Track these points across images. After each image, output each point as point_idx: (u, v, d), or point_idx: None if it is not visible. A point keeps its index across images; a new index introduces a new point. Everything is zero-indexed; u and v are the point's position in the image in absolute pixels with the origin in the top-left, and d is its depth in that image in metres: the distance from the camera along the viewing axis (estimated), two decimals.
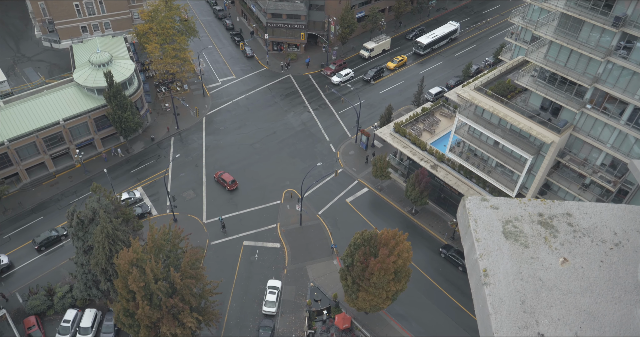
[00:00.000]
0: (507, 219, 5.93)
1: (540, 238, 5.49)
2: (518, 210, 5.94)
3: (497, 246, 5.79)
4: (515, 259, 5.54)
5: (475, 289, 5.57)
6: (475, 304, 5.65)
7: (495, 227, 5.96)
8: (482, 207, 6.12)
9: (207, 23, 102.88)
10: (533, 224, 5.70)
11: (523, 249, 5.57)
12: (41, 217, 64.43)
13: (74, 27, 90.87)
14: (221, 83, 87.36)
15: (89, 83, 69.86)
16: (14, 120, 65.71)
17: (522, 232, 5.72)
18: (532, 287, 5.13)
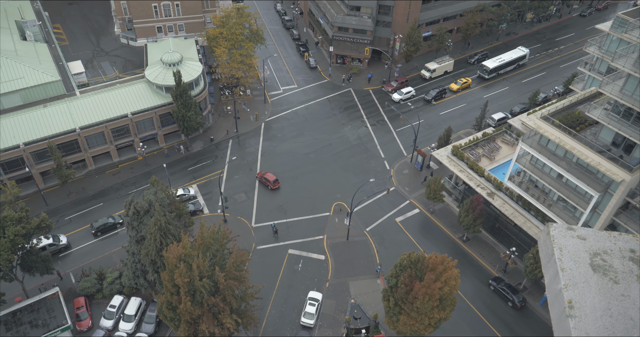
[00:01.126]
0: (595, 252, 6.24)
1: (632, 275, 5.79)
2: (607, 243, 6.23)
3: (584, 278, 6.09)
4: (603, 294, 5.80)
5: (558, 320, 5.88)
6: (556, 334, 5.97)
7: (582, 259, 6.26)
8: (568, 236, 6.46)
9: (275, 32, 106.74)
10: (624, 259, 5.97)
11: (612, 284, 5.84)
12: (101, 203, 68.75)
13: (150, 27, 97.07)
14: (283, 91, 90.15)
15: (158, 81, 74.12)
16: (87, 110, 70.81)
17: (611, 266, 6.01)
18: (623, 326, 5.35)
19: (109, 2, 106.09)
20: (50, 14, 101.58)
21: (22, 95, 71.57)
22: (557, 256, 4.46)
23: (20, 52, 77.48)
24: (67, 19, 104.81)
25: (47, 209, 66.29)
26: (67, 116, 69.49)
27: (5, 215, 51.77)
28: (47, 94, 73.10)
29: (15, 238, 50.83)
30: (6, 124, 66.81)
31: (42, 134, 66.98)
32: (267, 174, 71.98)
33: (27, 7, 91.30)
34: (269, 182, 70.98)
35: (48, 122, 68.46)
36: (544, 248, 4.82)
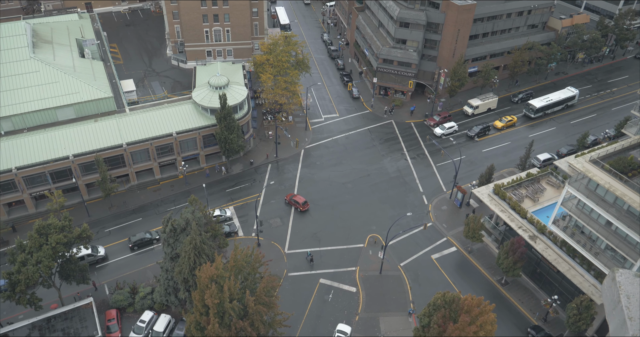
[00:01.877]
0: None
1: None
2: None
3: None
4: None
5: None
6: None
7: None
8: (637, 284, 6.62)
9: (320, 61, 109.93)
10: None
11: None
12: (140, 218, 71.11)
13: (200, 50, 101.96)
14: (324, 119, 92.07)
15: (204, 102, 77.19)
16: (135, 127, 74.26)
17: None
18: None
19: (164, 26, 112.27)
20: (109, 34, 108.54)
21: (76, 109, 75.99)
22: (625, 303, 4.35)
23: (78, 68, 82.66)
24: (123, 39, 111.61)
25: (88, 220, 69.07)
26: (115, 132, 73.05)
27: (49, 223, 54.31)
28: (99, 110, 77.32)
29: (57, 246, 53.11)
30: (59, 135, 70.81)
31: (90, 147, 70.51)
32: (296, 196, 73.53)
33: (87, 27, 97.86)
34: (298, 204, 72.38)
35: (97, 136, 72.12)
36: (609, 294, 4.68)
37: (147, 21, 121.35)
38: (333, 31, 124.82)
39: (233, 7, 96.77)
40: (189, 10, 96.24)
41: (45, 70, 77.60)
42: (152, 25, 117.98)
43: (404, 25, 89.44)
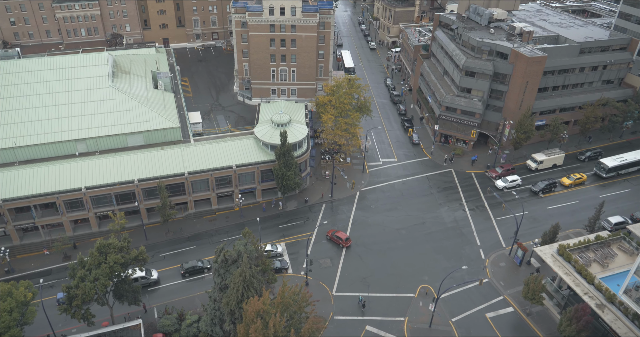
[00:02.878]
0: None
1: None
2: None
3: None
4: None
5: None
6: None
7: None
8: None
9: (381, 105, 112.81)
10: None
11: None
12: (194, 246, 74.03)
13: (266, 88, 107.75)
14: (382, 163, 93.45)
15: (265, 138, 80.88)
16: (197, 157, 78.66)
17: None
18: None
19: (233, 63, 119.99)
20: (182, 68, 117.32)
21: (145, 136, 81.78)
22: None
23: (151, 98, 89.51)
24: (194, 74, 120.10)
25: (145, 243, 72.73)
26: (179, 160, 77.69)
27: (110, 242, 57.86)
28: (166, 138, 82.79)
29: (114, 265, 56.29)
30: (127, 160, 76.22)
31: (154, 174, 75.18)
32: (338, 232, 74.85)
33: (163, 60, 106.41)
34: (341, 240, 73.62)
35: (162, 163, 76.95)
36: None
37: (218, 58, 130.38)
38: (397, 76, 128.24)
39: (300, 49, 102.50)
40: (258, 50, 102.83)
41: (121, 98, 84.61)
42: (222, 62, 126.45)
43: (470, 74, 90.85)
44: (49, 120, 79.79)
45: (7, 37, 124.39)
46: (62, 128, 78.95)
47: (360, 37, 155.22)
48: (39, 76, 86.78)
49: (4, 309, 51.07)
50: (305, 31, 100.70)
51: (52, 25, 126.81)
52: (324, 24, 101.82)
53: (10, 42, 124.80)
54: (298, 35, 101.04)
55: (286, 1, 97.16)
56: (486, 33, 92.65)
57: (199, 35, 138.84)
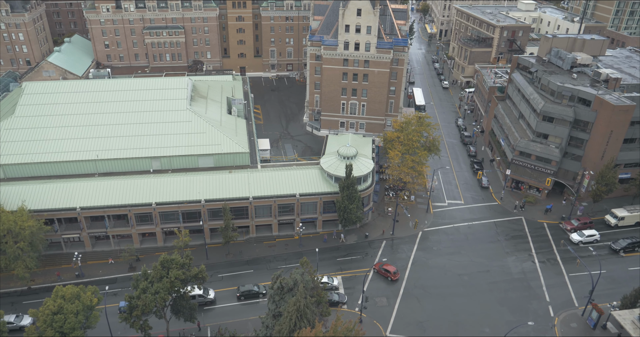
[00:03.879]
0: None
1: None
2: None
3: None
4: None
5: None
6: None
7: None
8: None
9: (451, 145, 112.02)
10: None
11: None
12: (251, 270, 75.87)
13: (334, 120, 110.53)
14: (448, 204, 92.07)
15: (331, 170, 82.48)
16: (263, 183, 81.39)
17: None
18: None
19: (304, 94, 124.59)
20: (255, 96, 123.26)
21: (215, 159, 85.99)
22: None
23: (224, 123, 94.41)
24: (267, 102, 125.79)
25: (206, 262, 75.36)
26: (245, 185, 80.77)
27: (173, 258, 60.72)
28: (235, 162, 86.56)
29: (175, 281, 58.91)
30: (196, 180, 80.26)
31: (220, 196, 78.52)
32: (386, 264, 74.84)
33: (238, 88, 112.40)
34: (389, 273, 73.67)
35: (228, 186, 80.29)
36: None
37: (290, 88, 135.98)
38: (469, 117, 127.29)
39: (372, 84, 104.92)
40: (330, 83, 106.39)
41: (196, 121, 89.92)
42: (294, 93, 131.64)
43: (548, 120, 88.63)
44: (129, 137, 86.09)
45: (100, 58, 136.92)
46: (140, 145, 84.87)
47: (433, 75, 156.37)
48: (124, 95, 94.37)
49: (71, 311, 54.59)
50: (378, 67, 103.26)
51: (141, 50, 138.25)
52: (397, 60, 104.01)
53: (103, 63, 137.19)
54: (371, 70, 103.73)
55: (361, 37, 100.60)
56: (568, 78, 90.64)
57: (274, 65, 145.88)
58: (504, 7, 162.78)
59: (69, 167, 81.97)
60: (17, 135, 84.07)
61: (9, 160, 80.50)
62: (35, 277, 73.08)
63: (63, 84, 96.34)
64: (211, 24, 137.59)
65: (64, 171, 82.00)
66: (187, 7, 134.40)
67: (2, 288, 72.21)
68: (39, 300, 64.02)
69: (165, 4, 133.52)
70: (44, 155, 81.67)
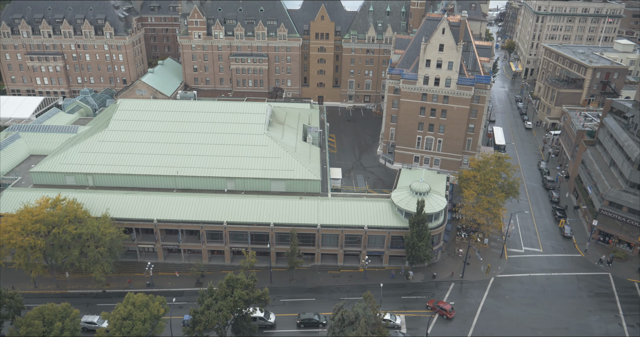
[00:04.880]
0: None
1: None
2: None
3: None
4: None
5: None
6: None
7: None
8: None
9: (531, 189, 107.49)
10: None
11: None
12: (313, 298, 76.05)
13: (409, 154, 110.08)
14: (524, 251, 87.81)
15: (401, 204, 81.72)
16: (331, 212, 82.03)
17: None
18: None
19: (380, 126, 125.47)
20: (331, 125, 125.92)
21: (287, 184, 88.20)
22: None
23: (299, 150, 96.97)
24: (342, 132, 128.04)
25: (269, 286, 76.43)
26: (314, 212, 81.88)
27: (238, 278, 62.42)
28: (306, 189, 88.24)
29: (238, 300, 60.42)
30: (266, 204, 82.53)
31: (289, 221, 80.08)
32: (441, 302, 73.26)
33: (315, 116, 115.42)
34: (445, 311, 71.59)
35: (297, 212, 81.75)
36: None
37: (366, 119, 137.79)
38: (552, 161, 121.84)
39: (450, 120, 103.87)
40: (407, 116, 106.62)
41: (272, 146, 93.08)
42: (369, 124, 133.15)
43: None
44: (208, 156, 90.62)
45: (188, 81, 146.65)
46: (217, 165, 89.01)
47: (516, 115, 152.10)
48: (207, 117, 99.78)
49: (140, 318, 57.37)
50: (458, 103, 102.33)
51: (226, 75, 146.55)
52: (478, 97, 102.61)
53: (190, 86, 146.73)
54: (450, 106, 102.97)
55: (442, 72, 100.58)
56: None
57: (352, 96, 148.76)
58: (598, 48, 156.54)
59: (151, 180, 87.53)
60: (108, 147, 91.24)
61: (99, 170, 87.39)
62: (110, 281, 77.80)
63: (153, 103, 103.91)
64: (294, 54, 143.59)
65: (146, 183, 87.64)
66: (272, 36, 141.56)
67: (80, 289, 77.42)
68: (111, 304, 67.70)
69: (252, 33, 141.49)
70: (129, 168, 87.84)
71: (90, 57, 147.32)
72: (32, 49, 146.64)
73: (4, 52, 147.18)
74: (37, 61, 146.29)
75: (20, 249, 70.23)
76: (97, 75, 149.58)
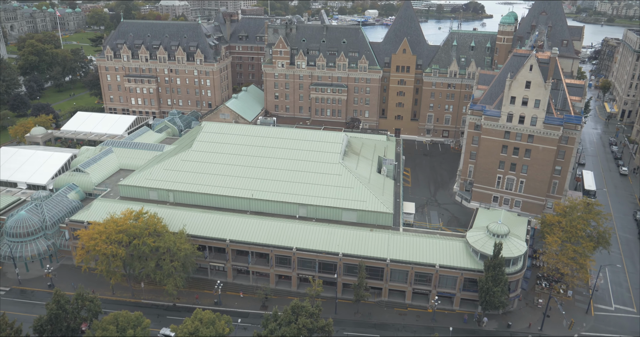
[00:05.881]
0: None
1: None
2: None
3: None
4: None
5: None
6: None
7: None
8: None
9: (625, 241, 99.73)
10: None
11: None
12: (378, 335, 74.38)
13: (487, 194, 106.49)
14: (614, 309, 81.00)
15: (477, 245, 78.68)
16: (403, 247, 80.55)
17: None
18: None
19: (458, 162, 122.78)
20: (407, 158, 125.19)
21: (359, 215, 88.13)
22: None
23: (372, 181, 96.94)
24: (417, 166, 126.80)
25: (334, 317, 75.89)
26: (384, 246, 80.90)
27: (303, 305, 62.52)
28: (377, 221, 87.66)
29: (302, 328, 60.38)
30: (336, 233, 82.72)
31: (358, 252, 79.61)
32: None
33: (391, 148, 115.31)
34: None
35: (367, 244, 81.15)
36: None
37: (443, 155, 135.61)
38: None
39: (534, 160, 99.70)
40: (487, 154, 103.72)
41: (346, 175, 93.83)
42: (446, 159, 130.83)
43: None
44: (282, 182, 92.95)
45: (269, 107, 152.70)
46: (290, 191, 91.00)
47: (609, 159, 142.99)
48: (285, 143, 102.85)
49: (205, 335, 58.87)
50: (544, 143, 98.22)
51: (305, 103, 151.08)
52: (566, 138, 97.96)
53: (270, 112, 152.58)
54: (534, 146, 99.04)
55: (528, 110, 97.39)
56: None
57: (429, 130, 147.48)
58: None
59: (226, 201, 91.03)
60: (190, 167, 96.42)
61: (179, 187, 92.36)
62: (181, 295, 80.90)
63: (234, 127, 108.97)
64: (373, 85, 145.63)
65: (222, 204, 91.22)
66: (353, 68, 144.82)
67: (153, 299, 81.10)
68: (180, 318, 70.29)
69: (334, 64, 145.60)
70: (207, 187, 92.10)
71: (181, 81, 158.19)
72: (130, 71, 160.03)
73: (105, 73, 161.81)
74: (133, 83, 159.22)
75: (103, 256, 75.27)
76: (185, 98, 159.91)
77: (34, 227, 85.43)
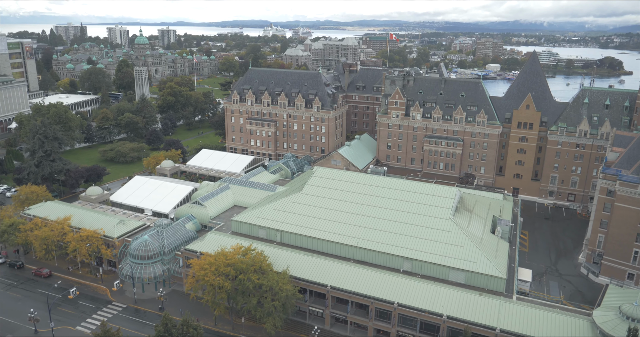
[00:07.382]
0: None
1: None
2: None
3: None
4: None
5: None
6: None
7: None
8: None
9: None
10: None
11: None
12: None
13: (621, 269, 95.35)
14: None
15: (606, 327, 69.93)
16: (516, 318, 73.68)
17: None
18: None
19: (585, 230, 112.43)
20: (525, 221, 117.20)
21: (467, 276, 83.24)
22: None
23: (485, 241, 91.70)
24: (537, 230, 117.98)
25: None
26: (494, 313, 74.96)
27: None
28: (487, 285, 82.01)
29: None
30: (443, 293, 78.54)
31: (465, 316, 74.55)
32: None
33: (507, 208, 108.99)
34: None
35: (475, 309, 75.76)
36: None
37: (567, 220, 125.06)
38: None
39: None
40: (621, 224, 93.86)
41: (456, 232, 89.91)
42: (571, 226, 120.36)
43: None
44: (388, 233, 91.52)
45: (380, 156, 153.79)
46: (396, 243, 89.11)
47: None
48: (394, 194, 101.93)
49: None
50: None
51: (418, 155, 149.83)
52: None
53: (382, 162, 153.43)
54: None
55: None
56: None
57: (552, 192, 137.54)
58: None
59: (331, 246, 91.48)
60: (299, 209, 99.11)
61: (287, 228, 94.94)
62: (278, 335, 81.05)
63: (345, 174, 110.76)
64: (491, 141, 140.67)
65: (326, 248, 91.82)
66: (470, 121, 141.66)
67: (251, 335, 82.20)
68: None
69: (450, 117, 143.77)
70: (314, 231, 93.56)
71: (298, 126, 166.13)
72: (253, 115, 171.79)
73: (231, 115, 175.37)
74: (254, 125, 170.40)
75: (210, 287, 78.73)
76: (301, 143, 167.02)
77: (154, 251, 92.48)
